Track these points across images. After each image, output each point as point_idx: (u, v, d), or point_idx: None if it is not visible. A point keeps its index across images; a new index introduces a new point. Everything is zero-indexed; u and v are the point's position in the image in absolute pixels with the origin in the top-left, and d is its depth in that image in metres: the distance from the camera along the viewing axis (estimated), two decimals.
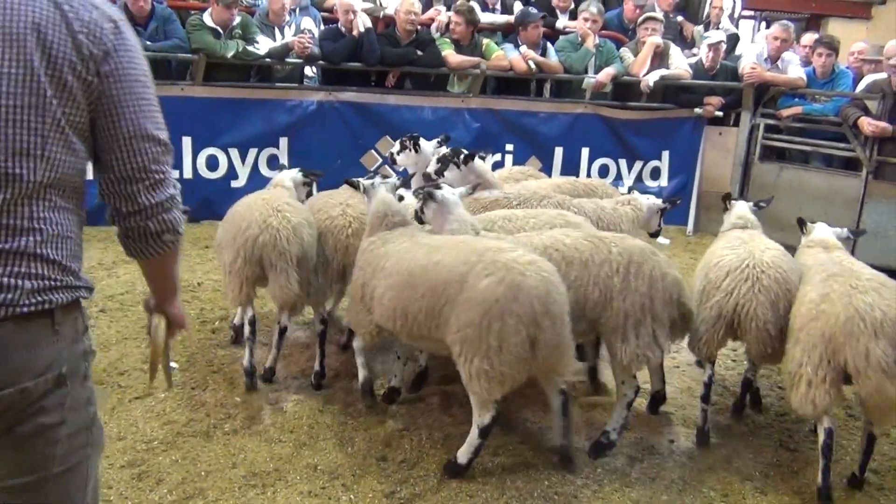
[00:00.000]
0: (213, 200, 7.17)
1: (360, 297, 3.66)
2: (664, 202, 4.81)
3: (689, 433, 3.92)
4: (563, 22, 8.66)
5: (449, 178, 4.57)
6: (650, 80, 7.95)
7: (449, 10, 8.01)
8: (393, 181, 3.98)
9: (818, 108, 7.80)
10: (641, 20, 8.24)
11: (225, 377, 4.22)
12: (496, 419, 3.31)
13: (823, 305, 3.26)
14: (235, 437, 3.62)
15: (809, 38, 8.57)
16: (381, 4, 8.02)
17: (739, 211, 4.31)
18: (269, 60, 7.32)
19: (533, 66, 7.80)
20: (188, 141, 7.16)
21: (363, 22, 7.37)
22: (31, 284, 1.56)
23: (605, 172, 8.29)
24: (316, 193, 4.95)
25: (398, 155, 5.22)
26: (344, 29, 7.42)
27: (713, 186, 8.08)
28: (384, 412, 3.92)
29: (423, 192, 3.84)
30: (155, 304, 2.00)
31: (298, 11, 7.80)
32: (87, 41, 1.58)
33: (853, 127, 7.15)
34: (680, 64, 8.13)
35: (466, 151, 4.71)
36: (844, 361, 3.16)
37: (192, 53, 7.05)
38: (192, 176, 7.23)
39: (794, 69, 7.93)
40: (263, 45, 7.23)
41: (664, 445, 3.80)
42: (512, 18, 8.24)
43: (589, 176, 7.97)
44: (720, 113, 8.35)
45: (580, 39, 8.07)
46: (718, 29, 8.78)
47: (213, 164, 7.30)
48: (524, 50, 7.83)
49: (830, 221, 4.32)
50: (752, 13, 11.22)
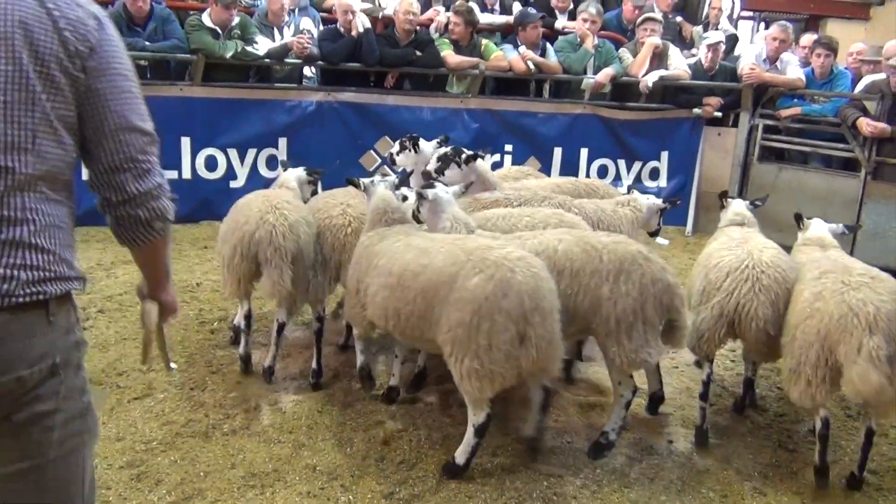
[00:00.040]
0: (211, 201, 7.20)
1: (355, 291, 3.72)
2: (664, 202, 4.81)
3: (688, 433, 3.92)
4: (561, 22, 8.67)
5: (449, 177, 4.56)
6: (649, 80, 7.95)
7: (448, 10, 8.02)
8: (392, 180, 4.01)
9: (817, 108, 7.80)
10: (640, 21, 8.24)
11: (224, 378, 4.21)
12: (491, 417, 3.31)
13: (817, 304, 3.32)
14: (234, 437, 3.62)
15: (808, 38, 8.58)
16: (379, 5, 8.02)
17: (736, 208, 4.39)
18: (268, 61, 7.31)
19: (532, 66, 7.80)
20: (187, 141, 7.16)
21: (362, 22, 7.38)
22: (26, 275, 1.61)
23: (604, 173, 8.29)
24: (320, 193, 4.96)
25: (398, 155, 5.21)
26: (343, 29, 7.42)
27: (712, 187, 8.04)
28: (383, 412, 3.92)
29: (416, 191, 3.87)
30: (147, 290, 2.06)
31: (297, 12, 7.80)
32: (72, 38, 1.64)
33: (852, 127, 7.16)
34: (679, 64, 8.13)
35: (469, 151, 4.70)
36: (838, 357, 3.21)
37: (190, 54, 7.04)
38: (190, 176, 7.22)
39: (792, 70, 7.94)
40: (262, 45, 7.23)
41: (663, 446, 3.80)
42: (511, 19, 8.25)
43: (588, 176, 7.97)
44: (719, 113, 8.35)
45: (579, 40, 8.07)
46: (717, 29, 8.78)
47: (211, 164, 7.29)
48: (523, 50, 7.83)
49: (829, 222, 4.34)
50: (750, 14, 11.21)
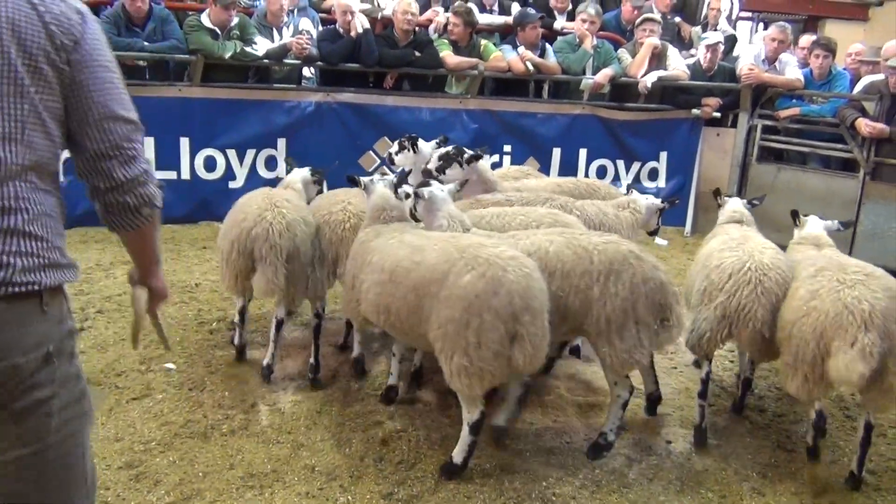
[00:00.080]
0: (210, 201, 7.20)
1: (350, 286, 3.76)
2: (663, 202, 4.82)
3: (686, 434, 3.92)
4: (560, 23, 8.68)
5: (451, 176, 4.56)
6: (648, 81, 7.95)
7: (447, 11, 8.02)
8: (391, 178, 4.02)
9: (816, 109, 7.81)
10: (639, 21, 8.25)
11: (223, 378, 4.21)
12: (485, 415, 3.32)
13: (813, 302, 3.34)
14: (233, 437, 3.62)
15: (807, 39, 8.58)
16: (379, 5, 8.02)
17: (734, 206, 4.44)
18: (267, 61, 7.31)
19: (531, 67, 7.80)
20: (186, 142, 7.15)
21: (361, 23, 7.38)
22: (21, 262, 1.66)
23: (602, 173, 8.29)
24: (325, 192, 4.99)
25: (397, 155, 5.23)
26: (342, 30, 7.42)
27: (711, 187, 7.90)
28: (382, 413, 3.92)
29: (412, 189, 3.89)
30: (138, 276, 2.12)
31: (296, 12, 7.80)
32: (58, 32, 1.70)
33: (850, 128, 7.17)
34: (678, 65, 8.14)
35: (472, 151, 4.71)
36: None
37: (189, 54, 7.04)
38: (189, 177, 7.22)
39: (791, 70, 7.95)
40: (261, 45, 7.23)
41: (662, 446, 3.80)
42: (509, 19, 8.25)
43: (587, 177, 7.96)
44: (718, 114, 8.36)
45: (578, 40, 8.07)
46: (716, 30, 8.78)
47: (210, 165, 7.29)
48: (522, 51, 7.83)
49: (839, 231, 4.36)
50: (749, 14, 11.21)
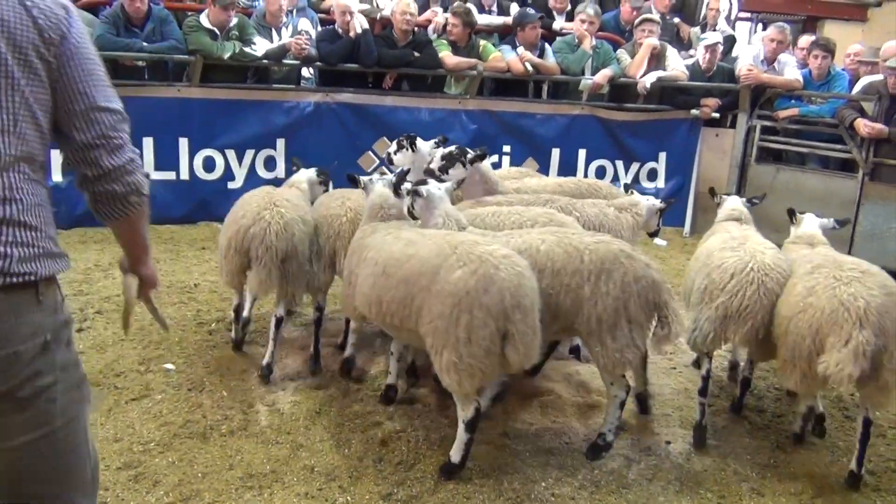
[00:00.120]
0: (209, 202, 7.20)
1: (348, 282, 3.81)
2: (662, 202, 4.83)
3: (686, 434, 3.92)
4: (559, 23, 8.68)
5: (453, 176, 4.55)
6: (647, 81, 7.96)
7: (446, 11, 8.02)
8: (390, 178, 4.06)
9: (814, 109, 7.82)
10: (638, 22, 8.25)
11: (222, 378, 4.21)
12: (480, 412, 3.32)
13: (810, 298, 3.37)
14: (232, 438, 3.61)
15: (806, 40, 8.58)
16: (377, 6, 8.02)
17: (732, 204, 4.50)
18: (265, 62, 7.30)
19: (530, 67, 7.80)
20: (185, 142, 7.15)
21: (360, 23, 7.37)
22: (18, 252, 1.72)
23: (601, 174, 8.29)
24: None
25: (395, 155, 5.25)
26: (341, 30, 7.43)
27: (709, 194, 8.05)
28: (381, 413, 3.92)
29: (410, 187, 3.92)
30: (129, 264, 2.19)
31: (295, 13, 7.80)
32: (46, 26, 1.76)
33: (849, 128, 7.18)
34: (677, 65, 8.14)
35: (477, 151, 4.70)
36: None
37: (188, 55, 7.03)
38: (188, 177, 7.22)
39: (790, 71, 7.95)
40: (260, 46, 7.23)
41: (661, 447, 3.80)
42: (508, 20, 8.26)
43: (586, 177, 7.97)
44: (717, 114, 8.36)
45: (577, 41, 8.07)
46: (715, 30, 8.78)
47: (209, 165, 7.28)
48: (521, 51, 7.83)
49: (835, 229, 4.39)
50: (748, 15, 11.21)
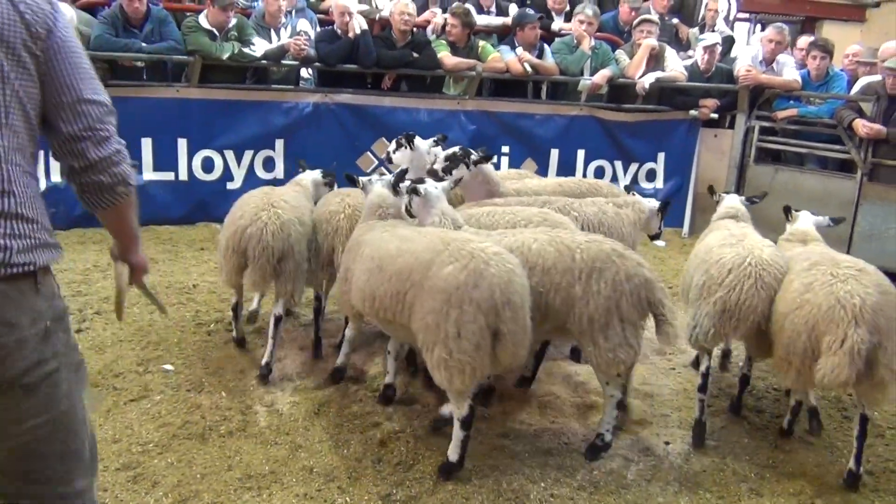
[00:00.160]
0: (208, 202, 7.20)
1: (344, 279, 3.84)
2: (660, 205, 4.85)
3: (685, 435, 3.92)
4: (558, 24, 8.69)
5: (456, 177, 4.59)
6: (646, 82, 7.96)
7: (445, 12, 8.03)
8: (389, 178, 4.09)
9: (813, 110, 7.82)
10: (637, 22, 8.26)
11: (220, 379, 4.21)
12: (474, 409, 3.32)
13: (807, 295, 3.39)
14: (231, 439, 3.61)
15: (804, 40, 8.59)
16: (376, 7, 8.02)
17: (730, 202, 4.52)
18: (264, 62, 7.30)
19: (529, 68, 7.81)
20: (184, 143, 7.14)
21: (359, 24, 7.37)
22: (17, 244, 1.79)
23: (600, 174, 8.29)
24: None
25: (394, 153, 5.29)
26: (340, 31, 7.42)
27: (707, 192, 8.05)
28: (380, 414, 3.92)
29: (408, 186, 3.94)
30: (119, 252, 2.30)
31: (294, 13, 7.80)
32: (33, 21, 1.81)
33: (848, 129, 7.19)
34: (675, 66, 8.14)
35: (480, 152, 4.71)
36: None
37: (187, 55, 7.03)
38: (187, 178, 7.21)
39: (788, 71, 7.96)
40: (259, 46, 7.22)
41: (660, 447, 3.80)
42: (507, 20, 8.26)
43: (585, 178, 7.97)
44: (715, 115, 8.35)
45: (576, 42, 8.08)
46: (714, 31, 8.78)
47: (208, 165, 7.28)
48: (520, 52, 7.83)
49: (829, 227, 4.43)
50: (747, 16, 11.22)
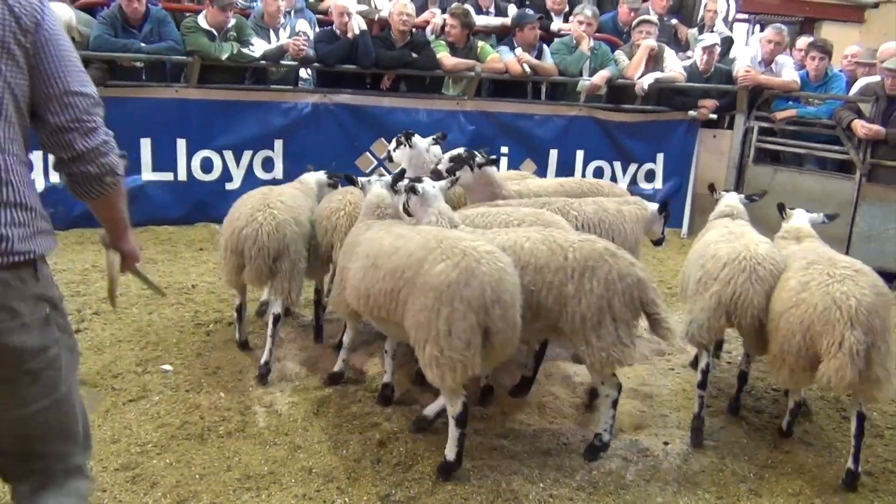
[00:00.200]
0: (207, 203, 7.20)
1: (339, 278, 3.86)
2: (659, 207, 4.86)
3: (683, 435, 3.92)
4: (557, 24, 8.69)
5: (460, 179, 4.59)
6: (645, 82, 7.97)
7: (444, 12, 8.03)
8: (387, 179, 4.10)
9: (812, 110, 7.83)
10: (636, 23, 8.27)
11: (219, 380, 4.20)
12: (468, 406, 3.32)
13: (803, 294, 3.40)
14: (230, 439, 3.61)
15: (803, 41, 8.59)
16: (375, 7, 8.03)
17: (728, 200, 4.55)
18: (263, 63, 7.30)
19: (528, 68, 7.81)
20: (182, 143, 7.14)
21: (358, 24, 7.37)
22: (18, 232, 1.87)
23: (599, 175, 8.29)
24: None
25: (394, 152, 5.32)
26: (339, 31, 7.43)
27: (707, 190, 8.05)
28: (379, 414, 3.92)
29: (406, 185, 3.96)
30: (110, 240, 2.34)
31: (293, 14, 7.80)
32: (23, 15, 1.88)
33: (847, 130, 7.20)
34: (674, 67, 8.15)
35: (484, 154, 4.71)
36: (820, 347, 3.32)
37: (186, 55, 7.03)
38: (186, 178, 7.21)
39: (787, 72, 7.97)
40: (258, 47, 7.22)
41: (659, 448, 3.80)
42: (506, 21, 8.27)
43: (584, 178, 7.98)
44: (714, 116, 8.36)
45: (575, 42, 8.09)
46: (713, 32, 8.79)
47: (207, 166, 7.27)
48: (519, 52, 7.83)
49: (824, 223, 4.44)
50: (746, 16, 11.23)
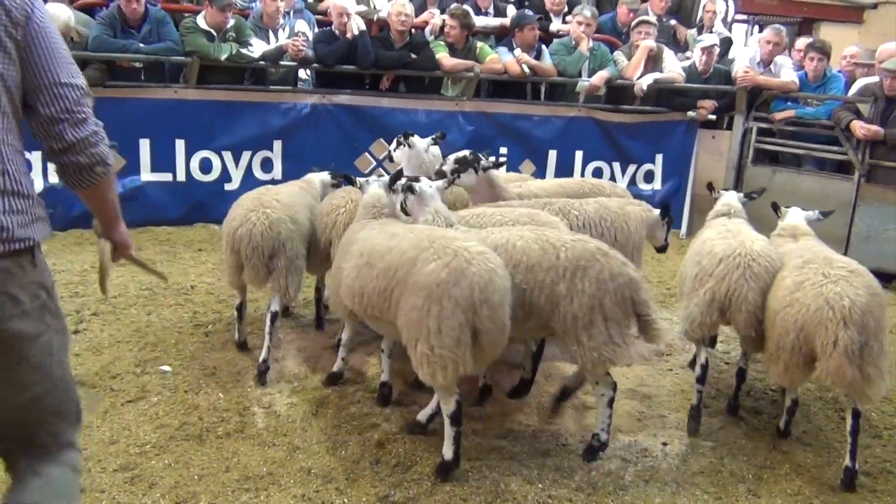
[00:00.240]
0: (206, 203, 7.19)
1: (335, 277, 3.88)
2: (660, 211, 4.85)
3: (682, 435, 3.92)
4: (556, 25, 8.70)
5: (464, 180, 4.61)
6: (644, 83, 7.97)
7: (443, 13, 8.04)
8: (385, 179, 4.11)
9: (810, 111, 7.84)
10: (635, 24, 8.28)
11: (218, 380, 4.20)
12: (461, 405, 3.32)
13: (797, 293, 3.42)
14: (229, 440, 3.61)
15: (802, 42, 8.60)
16: (374, 7, 8.03)
17: (726, 199, 4.58)
18: (262, 63, 7.30)
19: (527, 69, 7.81)
20: (181, 143, 7.13)
21: (357, 25, 7.38)
22: (17, 220, 1.92)
23: (598, 175, 8.28)
24: None
25: (395, 152, 5.35)
26: (338, 32, 7.43)
27: (706, 189, 8.06)
28: (378, 415, 3.91)
29: (404, 184, 3.98)
30: (101, 229, 2.39)
31: (292, 14, 7.80)
32: (12, 7, 1.91)
33: (845, 130, 7.20)
34: (673, 67, 8.16)
35: (488, 156, 4.71)
36: (814, 346, 3.35)
37: (185, 56, 7.02)
38: (185, 179, 7.20)
39: (786, 73, 7.98)
40: (257, 47, 7.22)
41: (658, 448, 3.80)
42: (505, 21, 8.27)
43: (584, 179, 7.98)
44: (713, 116, 8.36)
45: (574, 43, 8.09)
46: (711, 32, 8.80)
47: (206, 166, 7.27)
48: (518, 53, 7.84)
49: (823, 224, 4.46)
50: (744, 17, 11.25)
